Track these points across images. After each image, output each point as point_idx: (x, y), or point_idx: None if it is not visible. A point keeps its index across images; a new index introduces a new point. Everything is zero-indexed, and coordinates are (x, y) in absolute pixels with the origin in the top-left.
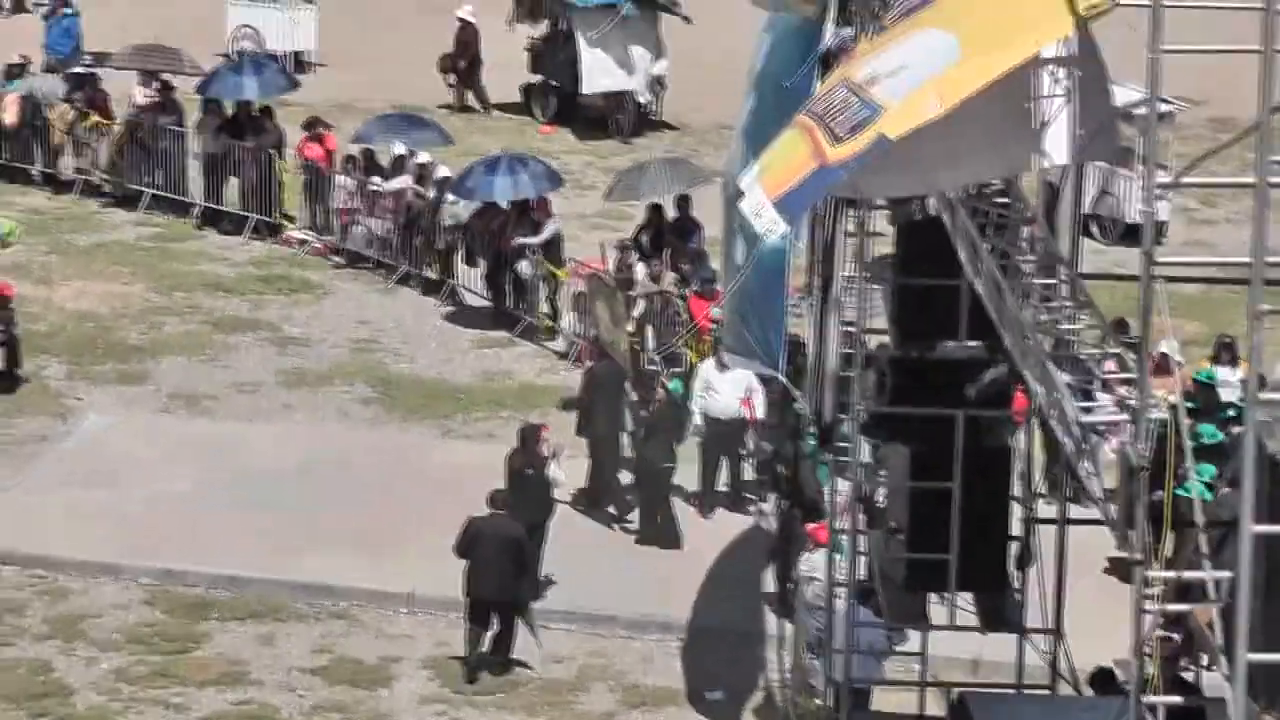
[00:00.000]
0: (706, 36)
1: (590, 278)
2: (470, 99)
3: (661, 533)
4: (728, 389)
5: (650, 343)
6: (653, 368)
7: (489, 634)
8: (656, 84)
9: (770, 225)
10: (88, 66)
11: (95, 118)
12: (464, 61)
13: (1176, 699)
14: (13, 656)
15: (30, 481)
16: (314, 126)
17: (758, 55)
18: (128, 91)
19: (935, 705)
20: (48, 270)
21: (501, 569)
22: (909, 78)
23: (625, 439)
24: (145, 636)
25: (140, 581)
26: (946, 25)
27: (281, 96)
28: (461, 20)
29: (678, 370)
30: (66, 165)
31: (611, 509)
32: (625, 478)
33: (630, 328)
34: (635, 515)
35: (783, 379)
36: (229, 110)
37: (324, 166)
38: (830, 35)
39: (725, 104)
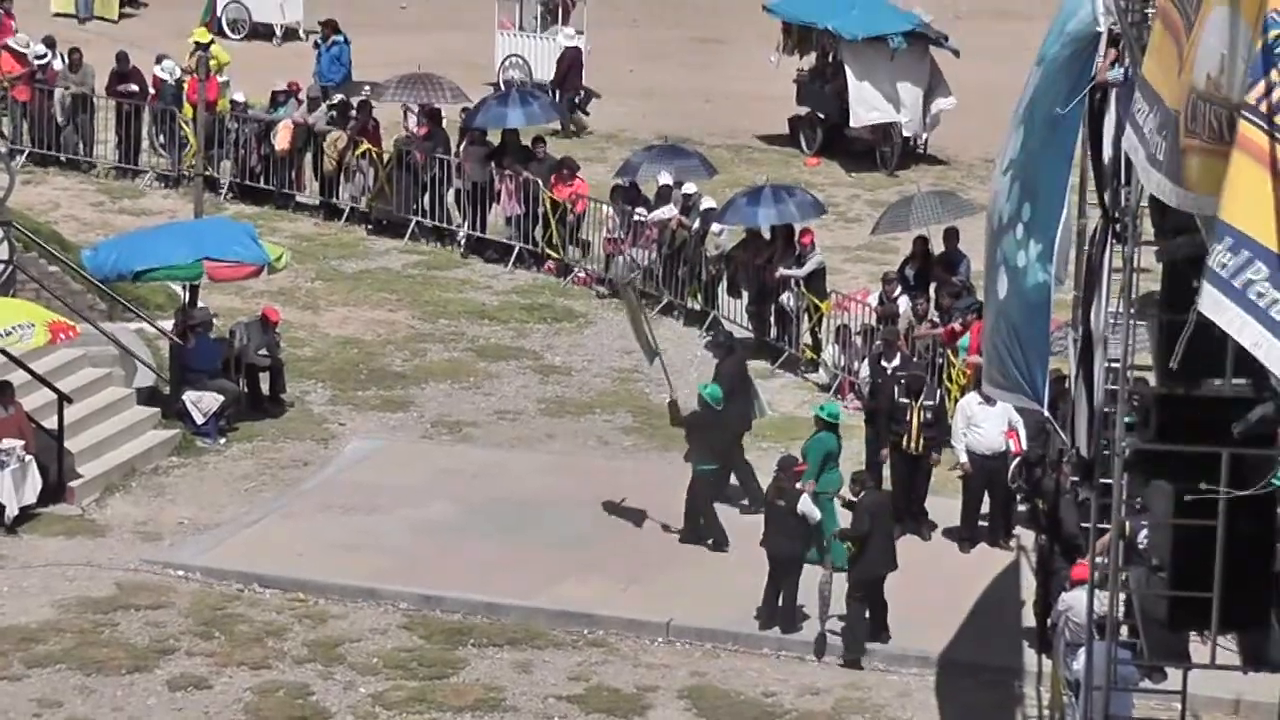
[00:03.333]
0: (972, 69)
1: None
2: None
3: (702, 535)
4: (991, 424)
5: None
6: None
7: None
8: (934, 121)
9: None
10: (362, 96)
11: (366, 145)
12: (556, 85)
13: None
14: (273, 679)
15: (292, 505)
16: (563, 168)
17: (1027, 88)
18: (396, 119)
19: None
20: (313, 296)
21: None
22: None
23: None
24: (404, 661)
25: (399, 606)
26: None
27: (549, 126)
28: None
29: (930, 404)
30: (336, 192)
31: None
32: None
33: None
34: None
35: (1046, 414)
36: (494, 140)
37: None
38: (1101, 64)
39: (990, 137)
